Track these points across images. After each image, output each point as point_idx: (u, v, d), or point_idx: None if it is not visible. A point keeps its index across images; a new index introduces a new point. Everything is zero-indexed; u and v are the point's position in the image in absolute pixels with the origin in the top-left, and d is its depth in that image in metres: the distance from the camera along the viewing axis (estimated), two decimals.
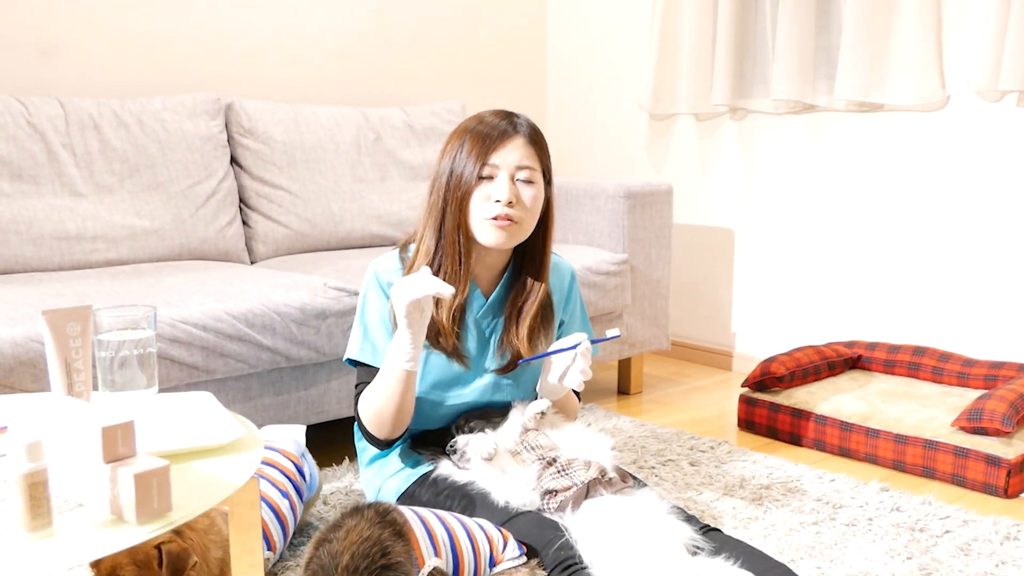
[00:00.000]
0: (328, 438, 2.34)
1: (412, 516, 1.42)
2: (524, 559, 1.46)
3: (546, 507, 1.55)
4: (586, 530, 1.46)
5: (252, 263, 2.59)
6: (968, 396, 2.35)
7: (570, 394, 1.76)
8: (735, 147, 3.11)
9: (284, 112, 2.70)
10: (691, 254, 3.28)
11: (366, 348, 1.67)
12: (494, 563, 1.45)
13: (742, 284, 3.14)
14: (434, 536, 1.41)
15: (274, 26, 2.91)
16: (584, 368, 1.61)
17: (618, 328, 1.63)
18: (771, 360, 2.50)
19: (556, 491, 1.55)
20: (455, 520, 1.47)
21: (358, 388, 1.68)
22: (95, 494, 0.92)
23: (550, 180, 1.67)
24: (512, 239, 1.62)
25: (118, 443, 0.91)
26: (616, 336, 1.61)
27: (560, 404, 1.73)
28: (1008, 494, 2.02)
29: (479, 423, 1.66)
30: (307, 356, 2.01)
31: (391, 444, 1.66)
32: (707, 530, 1.53)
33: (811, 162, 2.90)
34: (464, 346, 1.68)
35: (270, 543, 1.54)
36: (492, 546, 1.45)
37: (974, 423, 2.07)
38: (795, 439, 2.38)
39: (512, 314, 1.69)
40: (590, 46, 3.52)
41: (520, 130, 1.62)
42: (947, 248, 2.60)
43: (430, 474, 1.65)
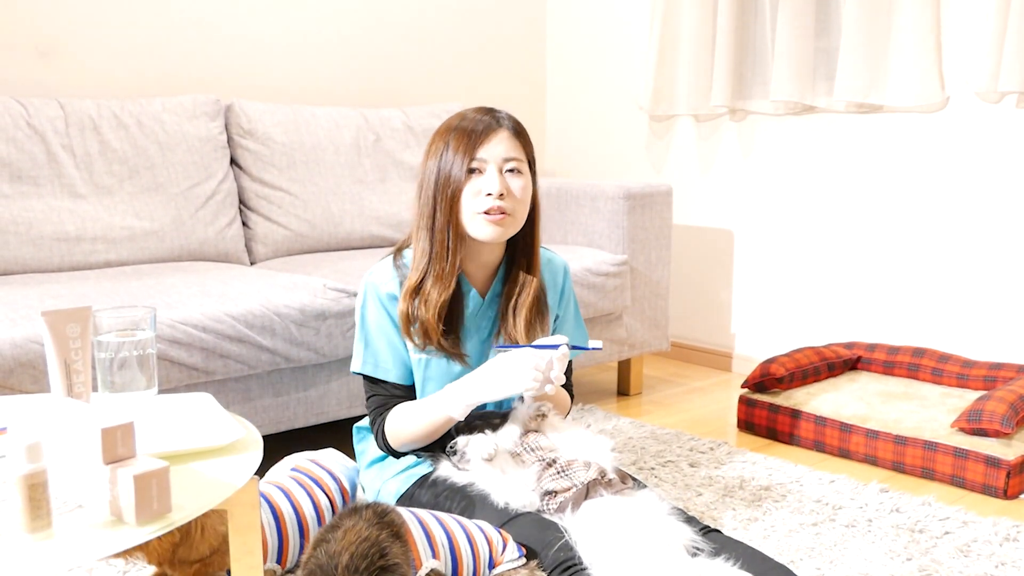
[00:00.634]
0: (328, 439, 2.34)
1: (410, 517, 1.42)
2: (524, 560, 1.46)
3: (546, 508, 1.55)
4: (586, 531, 1.46)
5: (252, 264, 2.59)
6: (968, 397, 2.35)
7: (558, 392, 1.76)
8: (735, 148, 3.11)
9: (284, 113, 2.70)
10: (691, 255, 3.28)
11: (369, 360, 1.68)
12: (493, 565, 1.45)
13: (742, 285, 3.14)
14: (432, 538, 1.41)
15: (273, 27, 2.91)
16: (557, 375, 1.53)
17: (600, 342, 1.61)
18: (771, 361, 2.50)
19: (556, 492, 1.55)
20: (454, 522, 1.47)
21: (371, 400, 1.70)
22: (95, 495, 0.92)
23: (535, 171, 1.68)
24: (507, 231, 1.62)
25: (118, 444, 0.91)
26: (598, 348, 1.59)
27: (543, 398, 1.72)
28: (1008, 495, 2.02)
29: (479, 424, 1.66)
30: (307, 357, 2.01)
31: (405, 454, 1.71)
32: (707, 531, 1.53)
33: (811, 163, 2.90)
34: (464, 346, 1.68)
35: (283, 555, 1.52)
36: (491, 548, 1.45)
37: (974, 424, 2.07)
38: (795, 440, 2.38)
39: (508, 308, 1.70)
40: (590, 47, 3.52)
41: (503, 123, 1.63)
42: (947, 249, 2.60)
43: (430, 475, 1.66)
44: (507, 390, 1.54)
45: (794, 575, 1.44)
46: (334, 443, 2.29)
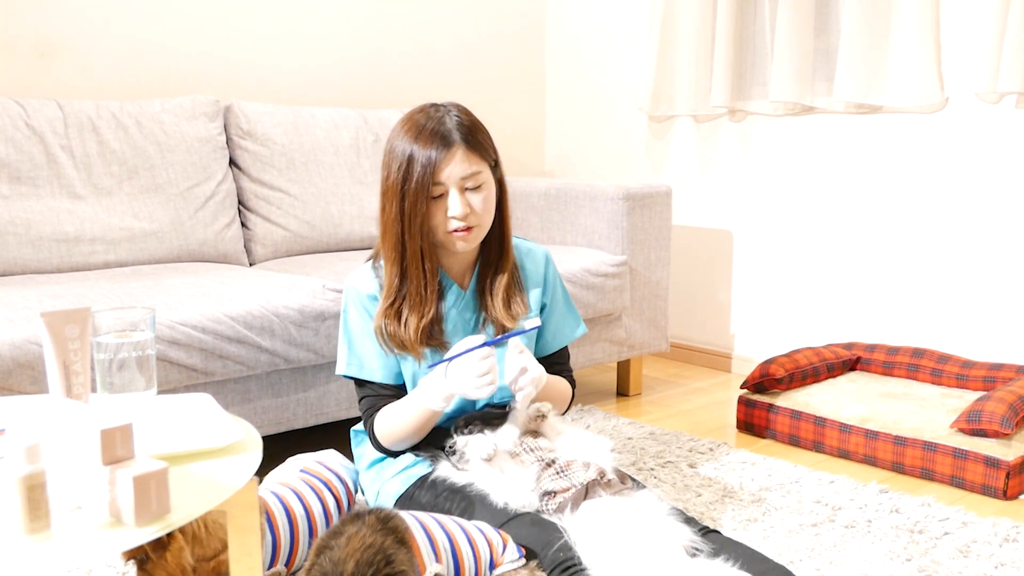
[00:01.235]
0: (327, 440, 2.34)
1: (413, 522, 1.42)
2: (523, 561, 1.46)
3: (545, 508, 1.55)
4: (585, 531, 1.46)
5: (251, 265, 2.58)
6: (967, 398, 2.35)
7: (554, 381, 1.76)
8: (734, 149, 3.11)
9: (283, 114, 2.70)
10: (690, 256, 3.28)
11: (353, 362, 1.70)
12: (494, 566, 1.45)
13: (741, 286, 3.14)
14: (435, 542, 1.41)
15: (273, 28, 2.91)
16: (513, 377, 1.58)
17: (538, 319, 1.63)
18: (770, 362, 2.50)
19: (555, 492, 1.55)
20: (455, 524, 1.47)
21: (363, 402, 1.72)
22: (94, 496, 0.91)
23: (497, 163, 1.68)
24: (475, 240, 1.66)
25: (117, 445, 0.91)
26: (536, 328, 1.60)
27: (541, 394, 1.71)
28: (1007, 496, 2.02)
29: (478, 424, 1.66)
30: (306, 358, 2.01)
31: (401, 452, 1.72)
32: (706, 531, 1.53)
33: (810, 164, 2.90)
34: (451, 343, 1.68)
35: (292, 556, 1.52)
36: (492, 549, 1.45)
37: (973, 425, 2.07)
38: (794, 441, 2.38)
39: (485, 292, 1.73)
40: (590, 47, 3.52)
41: (455, 139, 1.59)
42: (946, 250, 2.60)
43: (429, 476, 1.66)
44: (467, 393, 1.56)
45: None
46: (333, 444, 2.29)
